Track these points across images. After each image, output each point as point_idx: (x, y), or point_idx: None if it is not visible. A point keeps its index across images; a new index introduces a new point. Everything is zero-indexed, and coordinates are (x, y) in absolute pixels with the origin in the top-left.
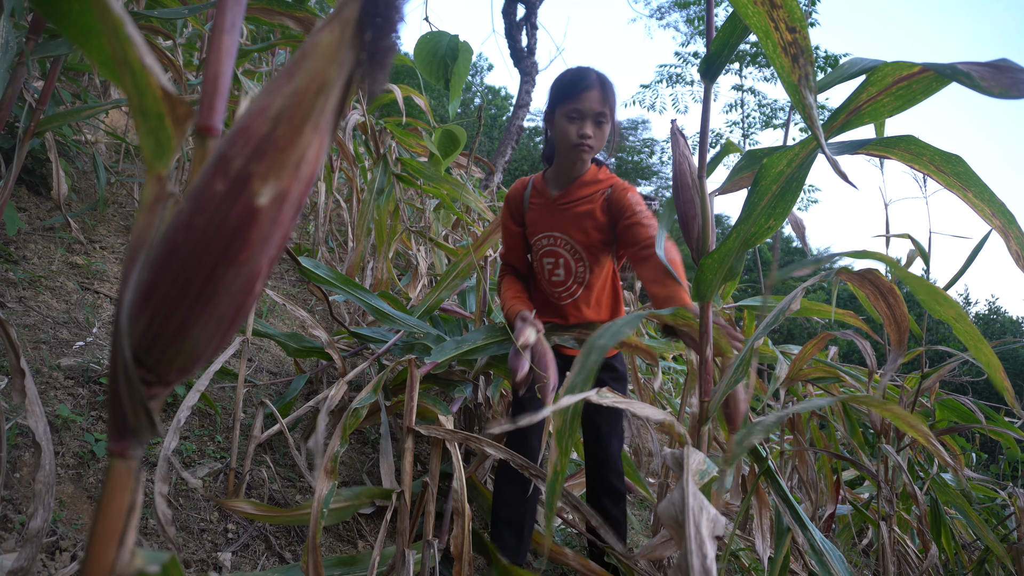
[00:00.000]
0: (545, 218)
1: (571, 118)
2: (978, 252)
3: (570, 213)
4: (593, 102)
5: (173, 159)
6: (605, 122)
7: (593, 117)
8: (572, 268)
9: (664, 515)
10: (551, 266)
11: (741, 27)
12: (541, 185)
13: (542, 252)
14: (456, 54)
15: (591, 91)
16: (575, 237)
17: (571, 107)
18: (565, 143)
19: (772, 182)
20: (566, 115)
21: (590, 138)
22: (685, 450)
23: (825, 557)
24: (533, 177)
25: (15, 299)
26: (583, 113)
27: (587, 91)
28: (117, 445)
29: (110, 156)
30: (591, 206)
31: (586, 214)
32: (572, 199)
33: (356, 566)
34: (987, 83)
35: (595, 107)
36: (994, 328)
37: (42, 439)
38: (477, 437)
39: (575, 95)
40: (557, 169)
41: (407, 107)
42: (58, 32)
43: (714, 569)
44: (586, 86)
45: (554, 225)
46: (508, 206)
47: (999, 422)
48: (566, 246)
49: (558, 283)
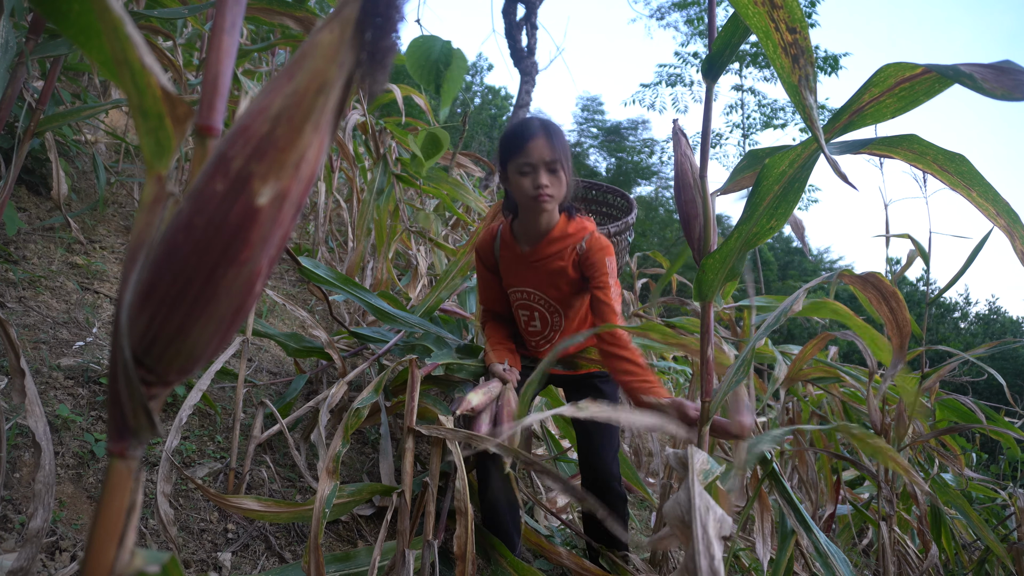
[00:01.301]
0: (517, 273)
1: (523, 172)
2: (978, 252)
3: (542, 271)
4: (541, 151)
5: (173, 159)
6: (559, 168)
7: (545, 165)
8: (548, 319)
9: (670, 516)
10: (527, 318)
11: (743, 27)
12: (509, 239)
13: (517, 304)
14: (449, 60)
15: (536, 140)
16: (549, 294)
17: (521, 160)
18: (524, 198)
19: (774, 182)
20: (518, 170)
21: (547, 187)
22: (689, 450)
23: (830, 560)
24: (500, 227)
25: (15, 299)
26: (534, 164)
27: (532, 140)
28: (117, 445)
29: (110, 156)
30: (563, 263)
31: (558, 272)
32: (542, 256)
33: (355, 563)
34: (989, 85)
35: (544, 155)
36: (994, 328)
37: (42, 439)
38: (478, 436)
39: (521, 148)
40: (523, 224)
41: (407, 107)
42: (58, 32)
43: (722, 570)
44: (530, 135)
45: (527, 281)
46: (479, 256)
47: (999, 422)
48: (540, 301)
49: (535, 332)
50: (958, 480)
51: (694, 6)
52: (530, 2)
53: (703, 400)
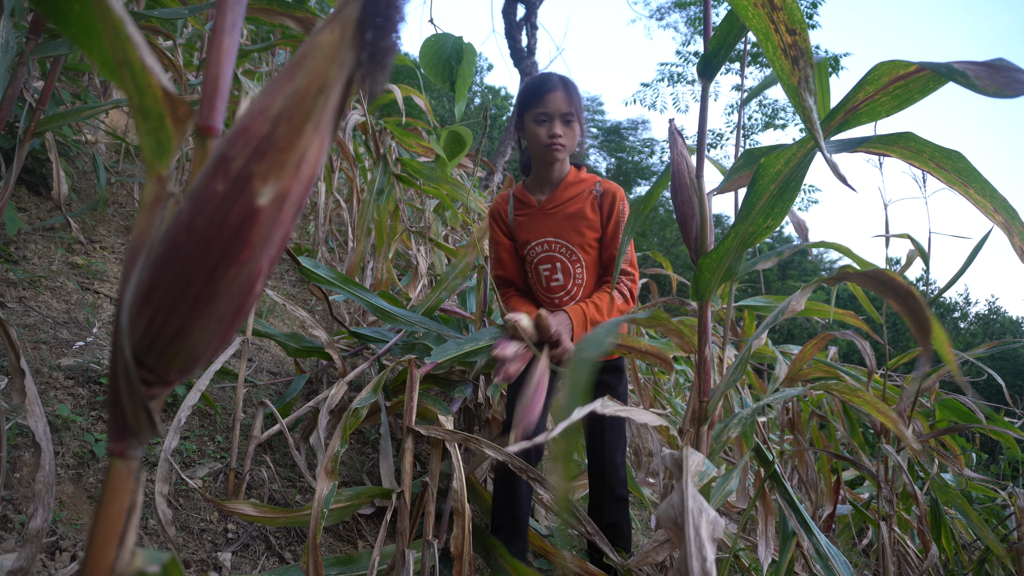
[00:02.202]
0: (535, 227)
1: (540, 121)
2: (978, 252)
3: (560, 216)
4: (559, 102)
5: (173, 159)
6: (573, 121)
7: (560, 117)
8: (570, 270)
9: (663, 518)
10: (548, 272)
11: (738, 26)
12: (523, 195)
13: (537, 260)
14: (460, 56)
15: (555, 92)
16: (571, 239)
17: (538, 110)
18: (538, 146)
19: (770, 182)
20: (534, 119)
21: (561, 136)
22: (684, 451)
23: (830, 562)
24: (513, 190)
25: (15, 299)
26: (550, 114)
27: (551, 92)
28: (117, 445)
29: (110, 156)
30: (580, 205)
31: (577, 213)
32: (560, 201)
33: (355, 565)
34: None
35: (561, 107)
36: (994, 328)
37: (42, 439)
38: (476, 439)
39: (540, 98)
40: (537, 176)
41: (407, 107)
42: (58, 32)
43: (714, 572)
44: (550, 88)
45: (547, 231)
46: (495, 222)
47: (999, 422)
48: (562, 249)
49: (557, 288)
50: (958, 480)
51: (694, 6)
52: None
53: (700, 399)
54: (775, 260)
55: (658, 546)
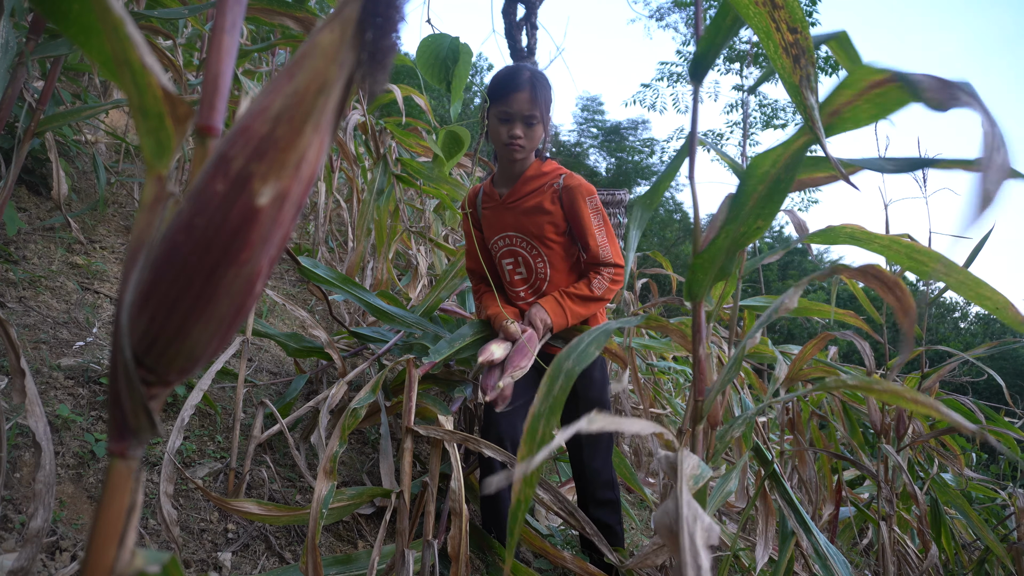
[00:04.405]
0: (498, 219)
1: (502, 119)
2: (978, 252)
3: (519, 211)
4: (522, 103)
5: (173, 159)
6: (536, 123)
7: (523, 119)
8: (532, 265)
9: (658, 524)
10: (511, 266)
11: (727, 27)
12: (490, 189)
13: (500, 254)
14: (457, 56)
15: (520, 93)
16: (529, 232)
17: (501, 109)
18: (498, 143)
19: (758, 182)
20: (497, 115)
21: (519, 138)
22: (679, 455)
23: (829, 562)
24: (483, 183)
25: (15, 299)
26: (512, 115)
27: (516, 93)
28: (117, 445)
29: (110, 156)
30: (539, 199)
31: (536, 208)
32: (520, 196)
33: (355, 565)
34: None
35: (523, 109)
36: (994, 328)
37: (42, 439)
38: (475, 439)
39: (504, 97)
40: (500, 170)
41: (407, 107)
42: (58, 32)
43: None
44: (515, 88)
45: (507, 224)
46: (466, 209)
47: (999, 422)
48: (522, 244)
49: (521, 282)
50: (958, 480)
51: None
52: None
53: (696, 399)
54: (781, 253)
55: (657, 549)
